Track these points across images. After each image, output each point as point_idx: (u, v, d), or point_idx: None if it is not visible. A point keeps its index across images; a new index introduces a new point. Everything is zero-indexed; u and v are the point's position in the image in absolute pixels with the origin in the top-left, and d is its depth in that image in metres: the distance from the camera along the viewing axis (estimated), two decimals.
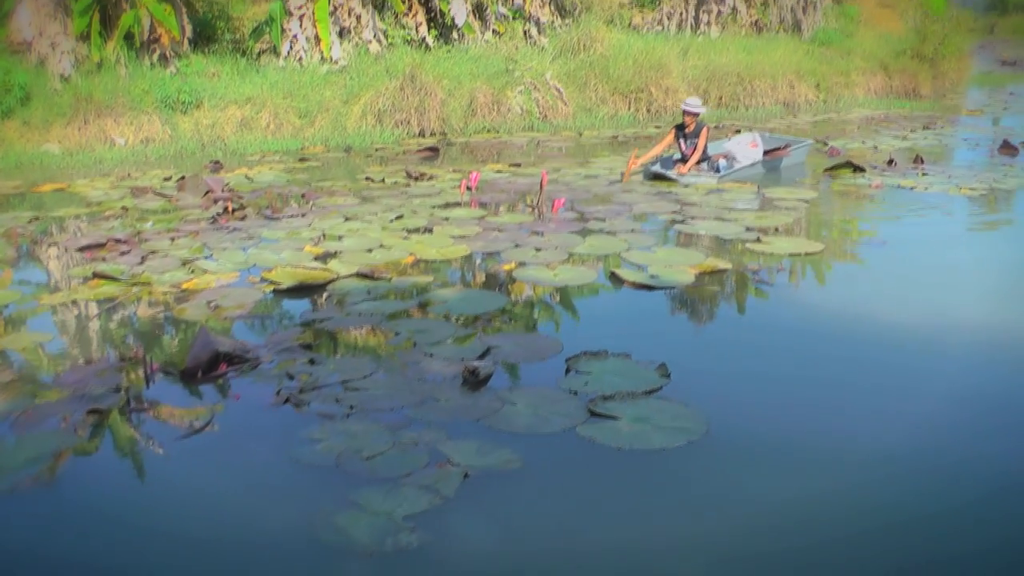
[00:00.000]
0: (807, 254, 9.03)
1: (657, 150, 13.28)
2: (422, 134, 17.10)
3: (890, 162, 14.07)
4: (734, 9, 25.44)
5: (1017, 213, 11.51)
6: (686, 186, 12.25)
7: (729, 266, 8.48)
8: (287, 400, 5.67)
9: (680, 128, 13.01)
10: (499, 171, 13.64)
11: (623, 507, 4.58)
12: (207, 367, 6.07)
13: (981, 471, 4.93)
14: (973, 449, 5.18)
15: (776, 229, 9.85)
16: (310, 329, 6.97)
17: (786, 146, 13.87)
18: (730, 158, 13.29)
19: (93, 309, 7.53)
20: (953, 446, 5.23)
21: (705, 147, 12.85)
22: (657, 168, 12.88)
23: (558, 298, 7.88)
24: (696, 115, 12.79)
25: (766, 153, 13.66)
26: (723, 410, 5.53)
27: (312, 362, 6.28)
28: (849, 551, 4.24)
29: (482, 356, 6.34)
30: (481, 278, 8.54)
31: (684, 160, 12.91)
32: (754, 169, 13.24)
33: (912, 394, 5.91)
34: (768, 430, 5.35)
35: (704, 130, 12.81)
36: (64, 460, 5.07)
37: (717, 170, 12.87)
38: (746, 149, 13.71)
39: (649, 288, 7.89)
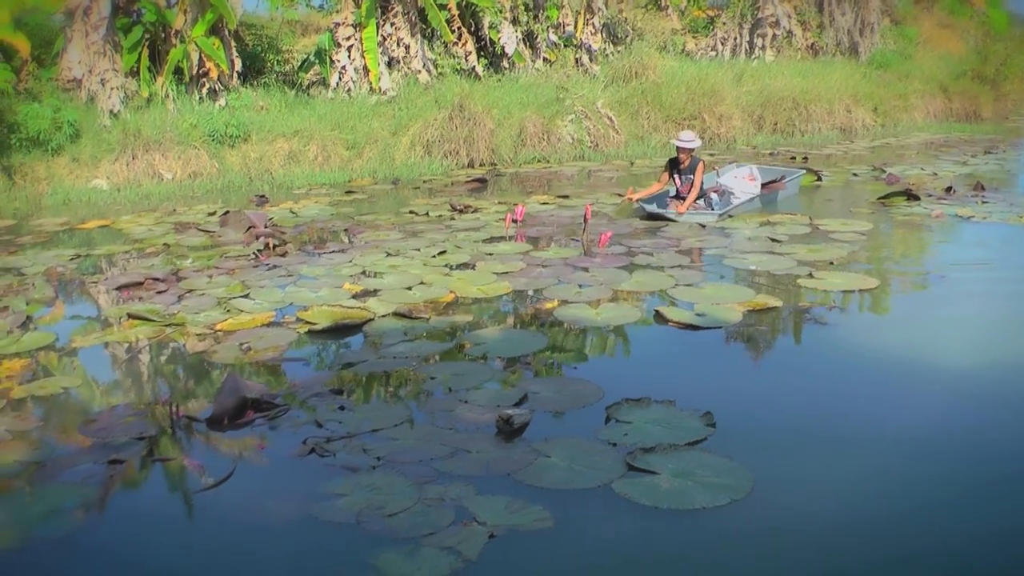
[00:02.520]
0: (862, 290, 8.69)
1: (653, 189, 12.72)
2: (471, 165, 16.95)
3: (948, 189, 13.69)
4: (789, 32, 25.17)
5: None
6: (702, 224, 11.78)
7: (780, 304, 8.17)
8: (312, 450, 5.46)
9: (675, 164, 12.48)
10: (545, 203, 13.43)
11: (657, 573, 4.30)
12: (234, 414, 5.89)
13: None
14: None
15: (830, 263, 9.51)
16: (342, 373, 6.76)
17: (781, 178, 13.53)
18: (725, 192, 12.86)
19: (124, 352, 7.39)
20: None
21: (702, 183, 12.38)
22: (653, 207, 12.28)
23: (601, 339, 7.61)
24: (691, 151, 12.26)
25: (763, 187, 13.29)
26: (770, 464, 5.22)
27: (342, 408, 6.06)
28: None
29: (519, 403, 6.10)
30: (522, 317, 8.28)
31: (679, 197, 12.43)
32: (752, 204, 12.84)
33: (977, 449, 5.55)
34: (817, 488, 5.03)
35: (700, 165, 12.28)
36: (80, 514, 4.89)
37: (711, 206, 12.41)
38: (744, 183, 13.37)
39: (695, 328, 7.60)
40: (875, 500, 4.90)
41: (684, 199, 12.19)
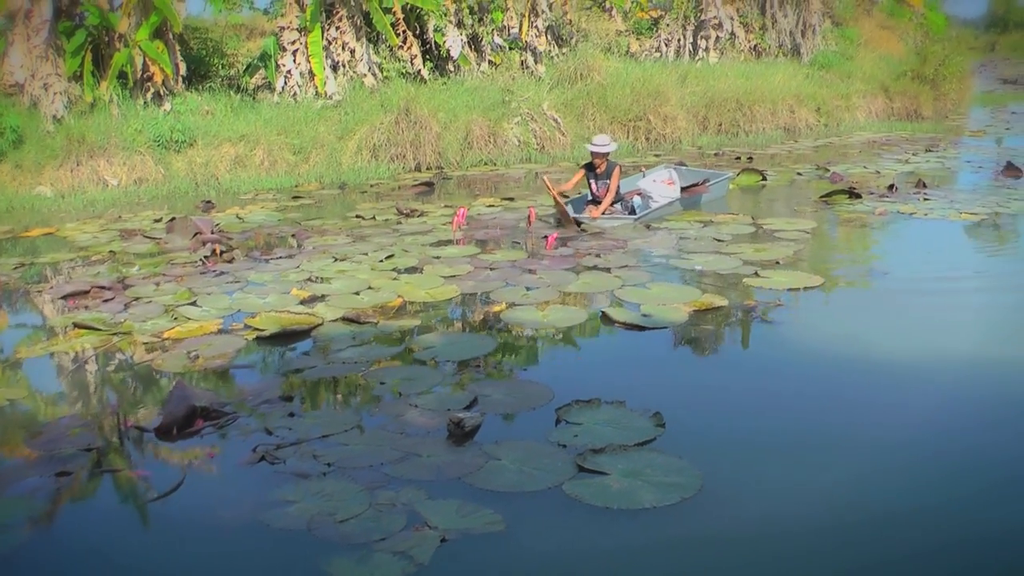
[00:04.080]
0: (806, 288, 8.80)
1: (569, 185, 12.46)
2: (418, 168, 16.96)
3: (891, 187, 13.89)
4: (732, 34, 25.40)
5: (1018, 237, 11.37)
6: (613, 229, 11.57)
7: (725, 303, 8.26)
8: (263, 458, 5.45)
9: (590, 168, 12.23)
10: (491, 205, 13.48)
11: (609, 574, 4.34)
12: (183, 423, 5.86)
13: (993, 526, 4.71)
14: (983, 506, 4.92)
15: (777, 263, 9.62)
16: (291, 379, 6.76)
17: (704, 181, 13.27)
18: (645, 196, 12.70)
19: (70, 362, 7.33)
20: (964, 503, 4.96)
21: (618, 187, 12.14)
22: (569, 211, 11.95)
23: (549, 341, 7.67)
24: (606, 155, 12.02)
25: (684, 190, 13.05)
26: (719, 462, 5.29)
27: (291, 415, 6.06)
28: None
29: (469, 406, 6.13)
30: (470, 320, 8.32)
31: (596, 202, 12.22)
32: (672, 207, 12.61)
33: (921, 440, 5.68)
34: (766, 485, 5.10)
35: (616, 170, 12.01)
36: (27, 529, 4.84)
37: (632, 211, 12.25)
38: (662, 187, 13.16)
39: (641, 328, 7.67)
40: (823, 497, 4.98)
41: (600, 203, 12.04)
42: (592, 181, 12.28)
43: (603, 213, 11.87)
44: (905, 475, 5.24)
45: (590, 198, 12.41)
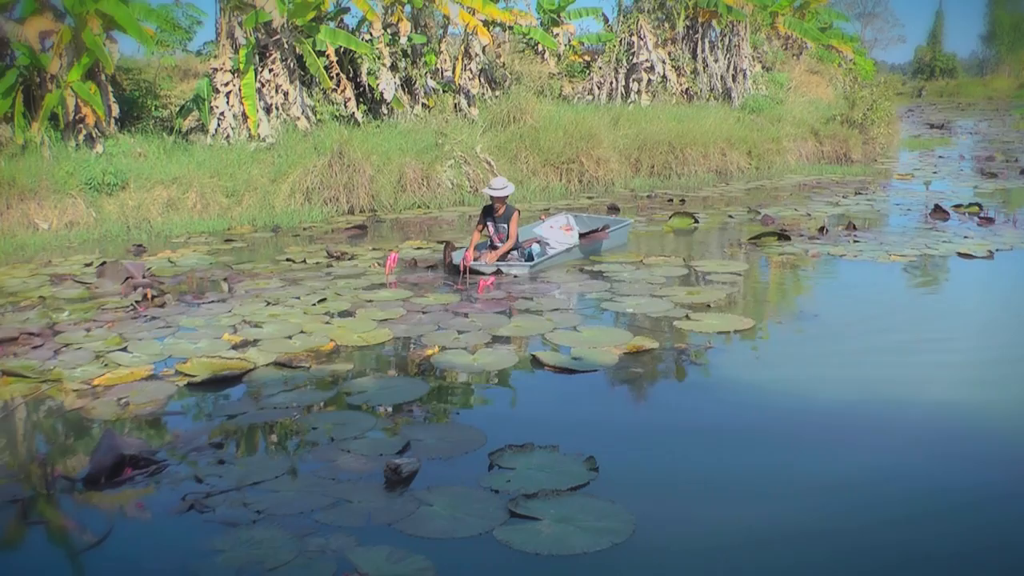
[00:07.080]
0: (737, 331, 8.93)
1: (476, 237, 12.27)
2: (351, 211, 16.96)
3: (822, 229, 14.15)
4: (664, 77, 25.73)
5: (947, 279, 11.66)
6: (516, 276, 11.46)
7: (656, 345, 8.36)
8: (192, 506, 5.42)
9: (489, 212, 12.10)
10: (420, 247, 13.64)
11: None
12: (111, 472, 5.81)
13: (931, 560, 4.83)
14: (919, 542, 5.04)
15: (708, 305, 9.74)
16: (223, 425, 6.72)
17: (604, 228, 13.10)
18: (543, 243, 12.52)
19: None
20: (898, 539, 5.05)
21: (516, 233, 12.04)
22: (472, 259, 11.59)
23: (483, 384, 7.69)
24: (504, 199, 11.90)
25: (583, 236, 12.80)
26: (651, 505, 5.36)
27: (222, 462, 6.03)
28: None
29: (402, 451, 6.15)
30: (402, 365, 8.32)
31: (494, 247, 12.04)
32: (571, 254, 12.56)
33: (851, 481, 5.77)
34: (697, 527, 5.17)
35: (515, 214, 11.90)
36: None
37: (530, 257, 12.12)
38: (559, 234, 12.93)
39: (571, 371, 7.75)
40: (755, 538, 5.06)
41: (498, 249, 11.88)
42: (491, 224, 12.12)
43: (498, 258, 11.73)
44: (837, 514, 5.33)
45: (489, 243, 12.25)
